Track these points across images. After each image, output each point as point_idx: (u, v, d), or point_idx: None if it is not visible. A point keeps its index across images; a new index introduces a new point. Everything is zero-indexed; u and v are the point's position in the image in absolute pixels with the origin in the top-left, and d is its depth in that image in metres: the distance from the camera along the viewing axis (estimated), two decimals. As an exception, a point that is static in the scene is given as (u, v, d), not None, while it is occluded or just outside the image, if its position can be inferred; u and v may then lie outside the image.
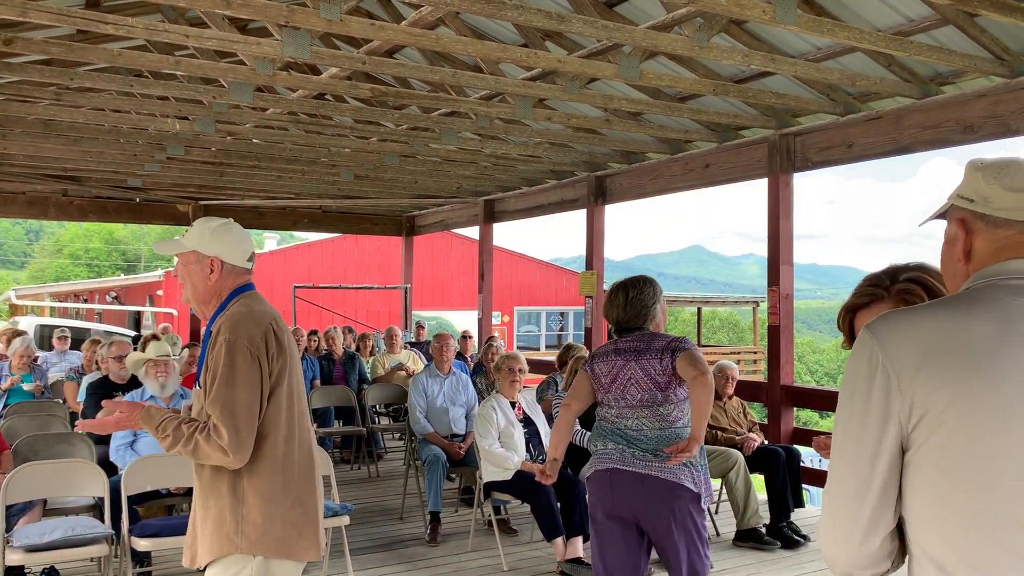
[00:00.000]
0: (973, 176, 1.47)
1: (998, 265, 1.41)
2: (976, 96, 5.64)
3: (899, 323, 1.36)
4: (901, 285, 1.84)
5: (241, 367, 2.46)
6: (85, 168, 9.62)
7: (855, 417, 1.35)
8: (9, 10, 4.19)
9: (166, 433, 2.47)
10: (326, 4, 4.29)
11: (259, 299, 2.69)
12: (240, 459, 2.44)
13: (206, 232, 2.69)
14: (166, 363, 5.48)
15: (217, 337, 2.51)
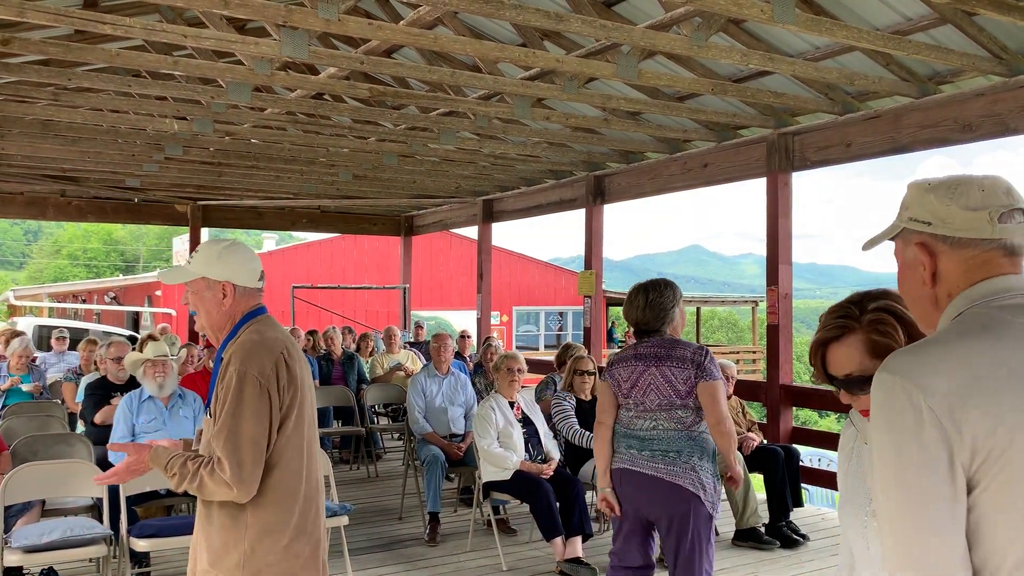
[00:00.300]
0: (924, 198, 1.46)
1: (983, 286, 1.38)
2: (974, 95, 5.64)
3: (924, 360, 1.28)
4: (871, 315, 1.79)
5: (249, 399, 2.41)
6: (83, 168, 9.62)
7: (913, 469, 1.23)
8: (7, 10, 4.19)
9: (173, 471, 2.44)
10: (324, 4, 4.29)
11: (271, 324, 2.63)
12: (245, 493, 2.40)
13: (212, 256, 2.59)
14: (164, 363, 5.47)
15: (228, 367, 2.45)
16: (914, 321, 1.75)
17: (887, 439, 1.26)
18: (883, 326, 1.77)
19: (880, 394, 1.29)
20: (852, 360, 1.78)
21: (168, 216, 12.54)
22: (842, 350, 1.80)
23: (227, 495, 2.40)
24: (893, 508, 1.24)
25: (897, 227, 1.51)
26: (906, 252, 1.49)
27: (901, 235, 1.50)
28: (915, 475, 1.23)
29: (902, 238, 1.50)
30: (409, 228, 14.42)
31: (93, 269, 57.98)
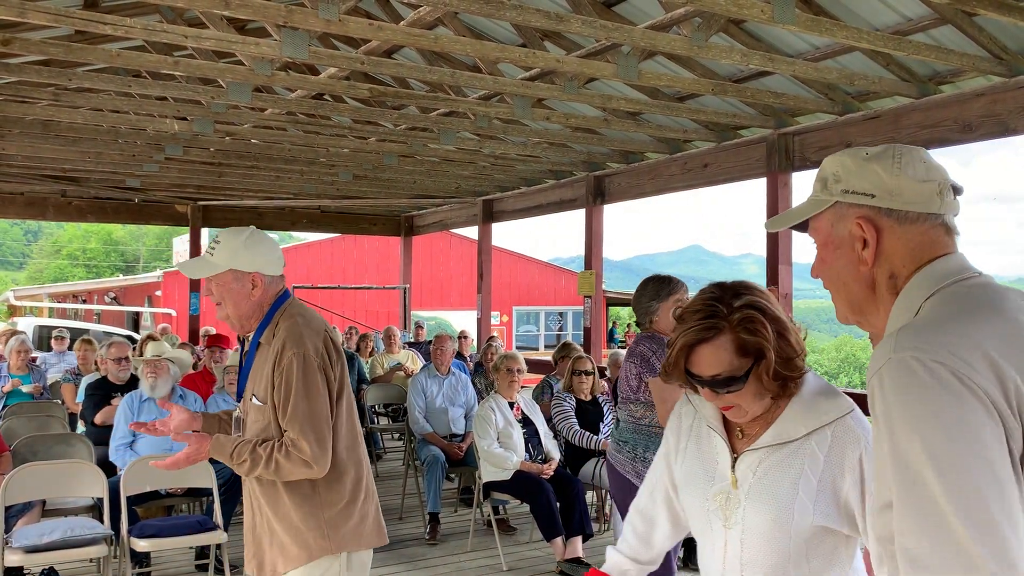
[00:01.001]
0: (865, 168, 1.32)
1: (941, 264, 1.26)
2: (974, 95, 5.64)
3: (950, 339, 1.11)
4: (740, 314, 1.70)
5: (312, 379, 2.49)
6: (83, 169, 9.62)
7: (977, 452, 1.05)
8: (7, 10, 4.19)
9: (243, 459, 2.46)
10: (324, 4, 4.29)
11: (304, 307, 2.69)
12: (323, 468, 2.47)
13: (239, 247, 2.59)
14: (157, 363, 5.47)
15: (284, 352, 2.50)
16: (780, 317, 1.71)
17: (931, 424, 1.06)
18: (752, 324, 1.69)
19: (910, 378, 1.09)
20: (721, 361, 1.70)
21: (168, 216, 12.54)
22: (710, 351, 1.70)
23: (305, 474, 2.46)
24: (956, 500, 1.03)
25: (825, 202, 1.36)
26: (836, 229, 1.34)
27: (830, 211, 1.35)
28: (982, 458, 1.04)
29: (832, 214, 1.35)
30: (409, 228, 14.42)
31: (93, 269, 57.99)
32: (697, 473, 1.85)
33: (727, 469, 1.79)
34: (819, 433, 1.72)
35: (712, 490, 1.80)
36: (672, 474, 1.92)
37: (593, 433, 6.11)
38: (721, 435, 1.82)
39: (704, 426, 1.87)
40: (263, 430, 2.54)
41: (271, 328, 2.59)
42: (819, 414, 1.73)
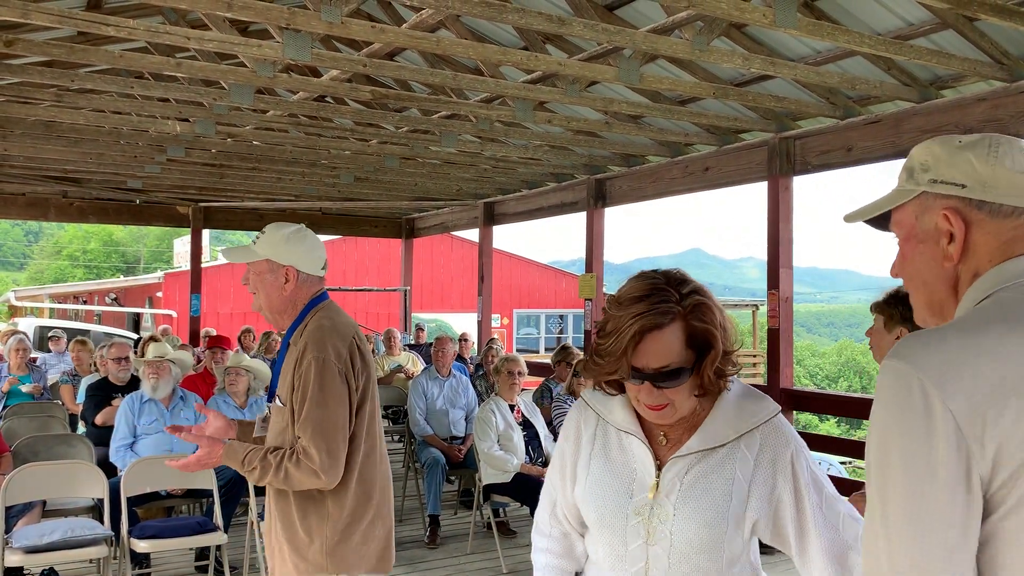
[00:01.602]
0: (958, 156, 1.20)
1: (1017, 263, 1.15)
2: (976, 100, 5.65)
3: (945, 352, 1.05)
4: (691, 300, 1.57)
5: (330, 386, 2.40)
6: (85, 170, 9.63)
7: (922, 483, 1.01)
8: (10, 11, 4.20)
9: (252, 466, 2.40)
10: (327, 6, 4.30)
11: (337, 310, 2.62)
12: (333, 480, 2.40)
13: (280, 240, 2.57)
14: (158, 365, 5.47)
15: (304, 355, 2.44)
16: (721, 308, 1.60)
17: (895, 442, 1.04)
18: (703, 312, 1.56)
19: (890, 387, 1.06)
20: (671, 351, 1.55)
21: (169, 218, 12.55)
22: (661, 339, 1.54)
23: (314, 484, 2.39)
24: (895, 524, 1.03)
25: (910, 192, 1.23)
26: (921, 222, 1.22)
27: (915, 202, 1.23)
28: (926, 491, 1.01)
29: (917, 205, 1.23)
30: (410, 230, 14.43)
31: (93, 270, 58.00)
32: (609, 486, 1.65)
33: (649, 478, 1.62)
34: (748, 436, 1.62)
35: (632, 503, 1.62)
36: (571, 491, 1.72)
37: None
38: (642, 440, 1.65)
39: (613, 433, 1.69)
40: (281, 432, 2.50)
41: (300, 328, 2.55)
42: (747, 416, 1.62)
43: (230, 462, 2.45)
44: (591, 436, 1.72)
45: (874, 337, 3.15)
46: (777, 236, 7.04)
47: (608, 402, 1.69)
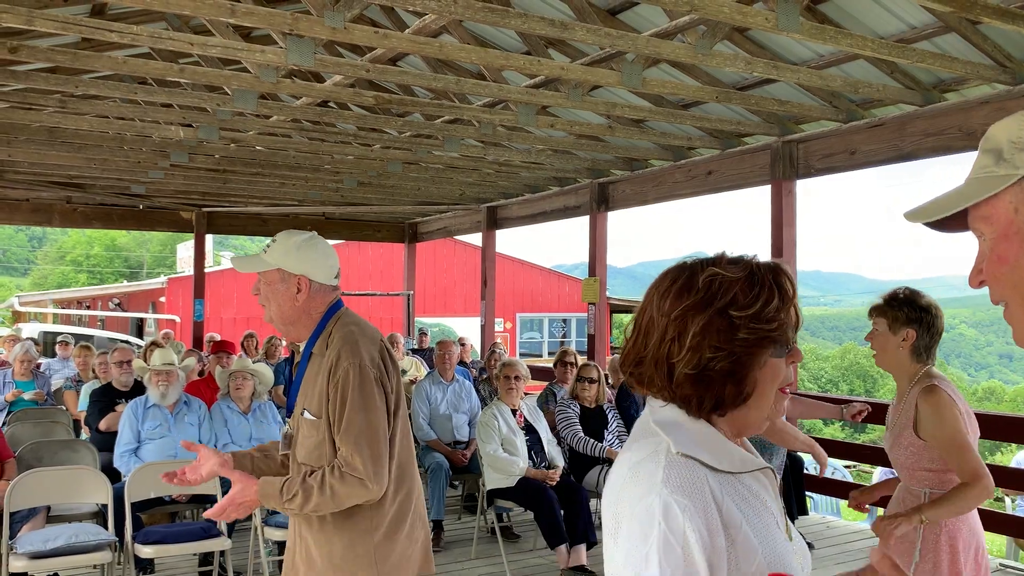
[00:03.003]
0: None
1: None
2: (979, 103, 5.65)
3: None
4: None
5: (369, 392, 2.32)
6: (89, 175, 9.65)
7: None
8: (15, 18, 4.21)
9: (292, 492, 2.25)
10: (330, 12, 4.30)
11: (358, 317, 2.56)
12: (380, 488, 2.29)
13: (291, 248, 2.48)
14: (168, 372, 5.48)
15: (340, 363, 2.35)
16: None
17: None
18: None
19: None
20: None
21: (173, 223, 12.58)
22: None
23: (362, 496, 2.27)
24: None
25: (1005, 178, 0.97)
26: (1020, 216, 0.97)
27: (1012, 189, 0.97)
28: None
29: (1015, 193, 0.97)
30: (413, 235, 14.44)
31: (96, 275, 58.09)
32: (779, 546, 1.28)
33: (779, 512, 1.34)
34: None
35: (793, 549, 1.32)
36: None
37: (597, 440, 6.10)
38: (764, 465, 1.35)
39: (738, 483, 1.27)
40: (316, 447, 2.36)
41: (324, 338, 2.45)
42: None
43: (268, 500, 2.31)
44: (718, 509, 1.20)
45: (877, 340, 3.11)
46: (780, 239, 7.03)
47: (709, 444, 1.26)
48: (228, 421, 5.78)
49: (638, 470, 1.22)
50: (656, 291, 1.33)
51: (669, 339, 1.27)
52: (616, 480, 1.25)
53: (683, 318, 1.26)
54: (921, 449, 2.90)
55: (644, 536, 1.16)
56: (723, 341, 1.24)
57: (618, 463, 1.29)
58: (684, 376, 1.25)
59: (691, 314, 1.25)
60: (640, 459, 1.24)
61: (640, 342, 1.32)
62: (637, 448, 1.27)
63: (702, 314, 1.25)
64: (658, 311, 1.29)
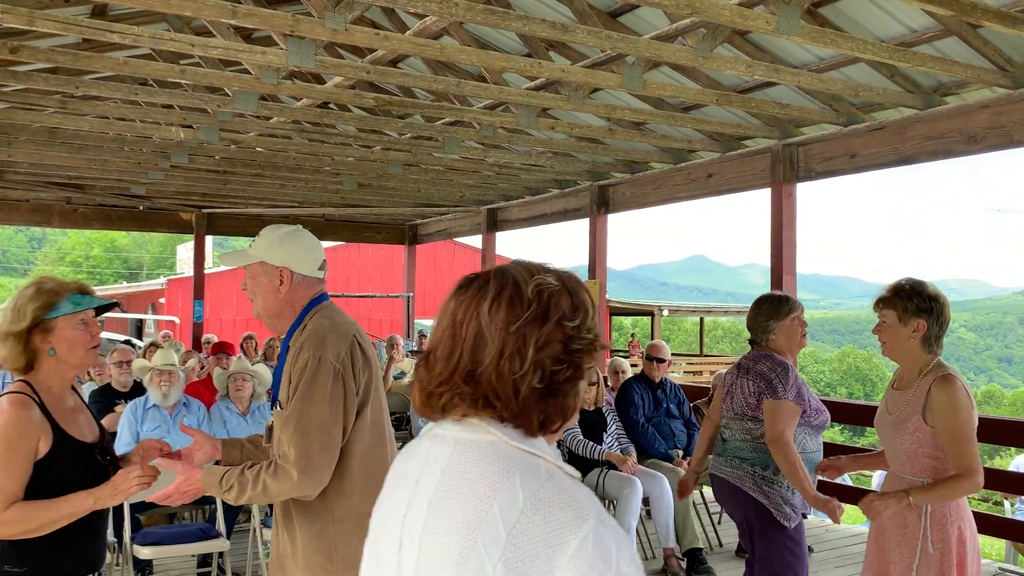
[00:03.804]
0: None
1: None
2: (979, 107, 5.65)
3: None
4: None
5: (321, 384, 2.29)
6: (89, 176, 9.65)
7: None
8: (16, 18, 4.21)
9: (229, 484, 2.27)
10: (331, 14, 4.31)
11: (337, 310, 2.52)
12: (310, 483, 2.25)
13: (273, 241, 2.51)
14: (170, 372, 5.48)
15: (300, 354, 2.35)
16: None
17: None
18: None
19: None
20: None
21: (173, 224, 12.58)
22: None
23: (292, 490, 2.24)
24: None
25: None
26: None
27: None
28: None
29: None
30: (413, 237, 14.44)
31: (96, 276, 58.09)
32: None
33: None
34: None
35: None
36: None
37: (596, 443, 6.10)
38: None
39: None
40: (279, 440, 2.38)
41: (300, 330, 2.45)
42: None
43: (210, 488, 2.31)
44: None
45: (886, 332, 3.09)
46: (780, 243, 7.04)
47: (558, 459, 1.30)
48: (227, 422, 5.78)
49: (540, 499, 1.14)
50: (477, 300, 1.27)
51: (509, 354, 1.21)
52: (503, 517, 1.13)
53: (522, 331, 1.22)
54: (928, 436, 2.91)
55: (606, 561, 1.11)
56: (563, 353, 1.23)
57: (480, 497, 1.16)
58: (531, 391, 1.21)
59: (531, 327, 1.22)
60: (533, 487, 1.15)
61: (466, 357, 1.23)
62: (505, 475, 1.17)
63: (542, 327, 1.22)
64: (490, 323, 1.23)
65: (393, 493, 1.29)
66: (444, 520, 1.17)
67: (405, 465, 1.30)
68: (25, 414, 2.28)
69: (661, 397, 6.65)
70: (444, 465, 1.22)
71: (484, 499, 1.15)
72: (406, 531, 1.22)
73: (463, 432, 1.23)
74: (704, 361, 22.29)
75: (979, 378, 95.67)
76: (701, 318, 29.41)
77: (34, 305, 2.36)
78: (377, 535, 1.31)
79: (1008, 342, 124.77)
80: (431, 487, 1.21)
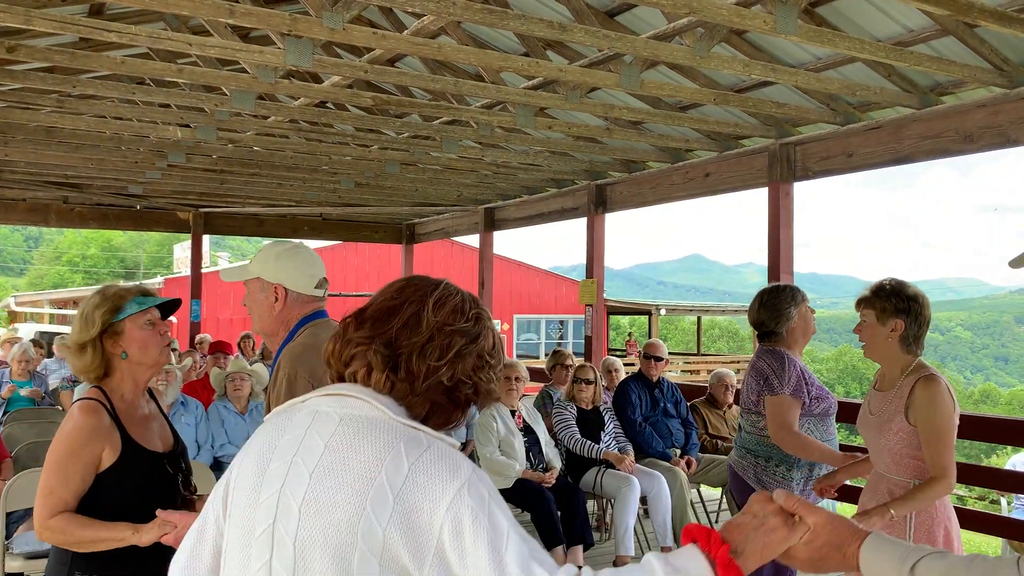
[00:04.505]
0: None
1: None
2: (976, 106, 5.66)
3: None
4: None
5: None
6: (86, 175, 9.64)
7: None
8: (13, 17, 4.21)
9: None
10: (328, 13, 4.30)
11: (329, 327, 2.47)
12: None
13: (270, 257, 2.51)
14: (167, 371, 5.48)
15: (277, 373, 2.36)
16: None
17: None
18: None
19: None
20: None
21: (170, 223, 12.57)
22: None
23: None
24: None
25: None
26: None
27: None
28: None
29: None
30: (411, 236, 14.44)
31: (93, 276, 57.99)
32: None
33: None
34: None
35: None
36: None
37: (594, 442, 6.11)
38: None
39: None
40: None
41: (287, 348, 2.46)
42: None
43: None
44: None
45: (865, 332, 3.13)
46: (777, 242, 7.05)
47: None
48: (225, 421, 5.78)
49: (422, 462, 1.28)
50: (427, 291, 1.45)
51: (435, 344, 1.39)
52: (390, 483, 1.25)
53: (453, 334, 1.41)
54: (911, 436, 2.92)
55: (496, 529, 1.28)
56: (474, 374, 1.43)
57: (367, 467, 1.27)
58: (436, 383, 1.39)
59: (460, 336, 1.42)
60: (416, 453, 1.29)
61: (395, 329, 1.39)
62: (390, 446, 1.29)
63: (468, 343, 1.43)
64: (431, 314, 1.41)
65: (267, 467, 1.34)
66: (328, 490, 1.25)
67: (277, 439, 1.36)
68: (93, 421, 2.27)
69: (659, 396, 6.66)
70: (327, 439, 1.30)
71: (371, 468, 1.25)
72: (283, 502, 1.28)
73: (347, 409, 1.34)
74: (701, 360, 22.31)
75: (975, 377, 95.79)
76: (698, 317, 29.44)
77: (101, 311, 2.38)
78: (241, 509, 1.35)
79: (1004, 341, 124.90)
80: (313, 460, 1.29)
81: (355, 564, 1.22)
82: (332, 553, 1.22)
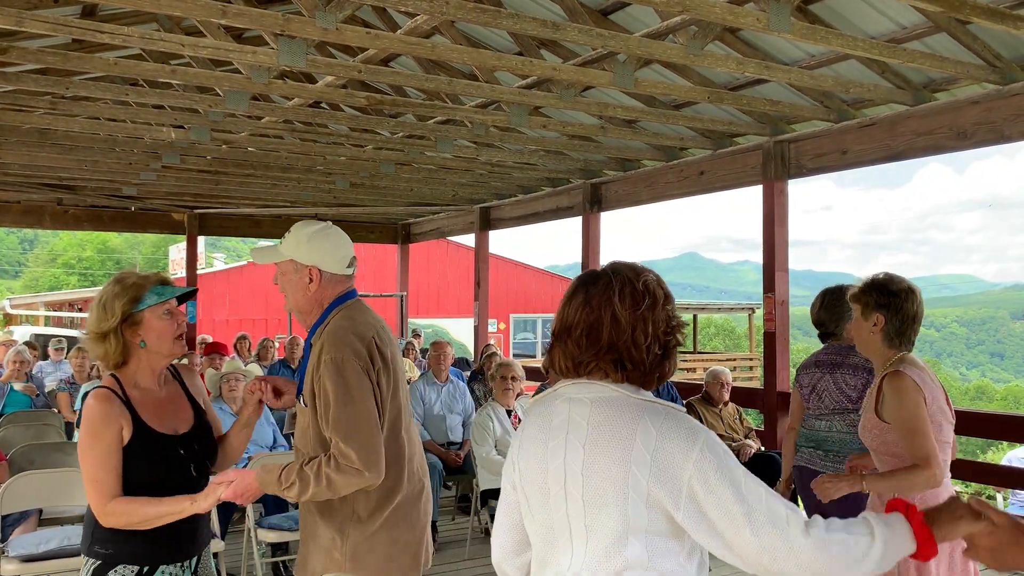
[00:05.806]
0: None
1: None
2: (969, 103, 5.67)
3: None
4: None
5: (354, 383, 2.36)
6: (80, 177, 9.62)
7: None
8: (5, 19, 4.19)
9: (291, 481, 2.33)
10: (322, 13, 4.30)
11: (361, 309, 2.58)
12: (377, 474, 2.34)
13: (302, 239, 2.56)
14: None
15: (321, 356, 2.40)
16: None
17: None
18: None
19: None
20: None
21: (165, 224, 12.54)
22: None
23: (359, 483, 2.33)
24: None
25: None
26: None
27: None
28: None
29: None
30: (406, 236, 14.43)
31: (88, 278, 57.87)
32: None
33: None
34: None
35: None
36: None
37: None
38: None
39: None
40: (303, 432, 2.48)
41: (321, 328, 2.50)
42: None
43: (267, 487, 2.38)
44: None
45: (853, 327, 3.14)
46: (772, 239, 7.05)
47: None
48: (222, 422, 5.77)
49: (666, 427, 1.64)
50: (608, 294, 1.73)
51: (639, 331, 1.70)
52: (645, 445, 1.61)
53: (644, 315, 1.71)
54: (884, 431, 2.91)
55: (733, 473, 1.61)
56: (667, 327, 1.75)
57: (624, 436, 1.64)
58: (654, 356, 1.72)
59: (648, 312, 1.72)
60: (659, 421, 1.65)
61: (607, 334, 1.71)
62: (637, 417, 1.65)
63: (655, 311, 1.73)
64: (623, 310, 1.71)
65: (547, 444, 1.71)
66: (601, 456, 1.63)
67: (549, 421, 1.74)
68: (105, 407, 2.35)
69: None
70: (587, 418, 1.67)
71: (627, 437, 1.62)
72: (569, 469, 1.66)
73: (593, 392, 1.71)
74: (697, 358, 22.33)
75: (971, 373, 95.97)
76: (694, 315, 29.44)
77: (120, 300, 2.42)
78: (534, 475, 1.74)
79: (1000, 337, 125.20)
80: (582, 436, 1.67)
81: (629, 509, 1.60)
82: (612, 502, 1.60)
